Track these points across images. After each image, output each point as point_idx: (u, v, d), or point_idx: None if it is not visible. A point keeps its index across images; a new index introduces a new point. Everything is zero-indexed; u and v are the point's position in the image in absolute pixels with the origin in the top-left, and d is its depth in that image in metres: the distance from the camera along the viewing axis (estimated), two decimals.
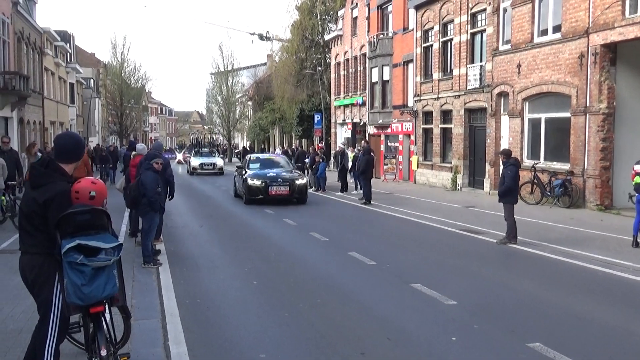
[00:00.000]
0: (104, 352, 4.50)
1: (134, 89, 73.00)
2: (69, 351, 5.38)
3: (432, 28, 26.96)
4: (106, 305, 4.73)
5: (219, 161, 37.53)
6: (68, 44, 48.26)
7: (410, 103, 29.54)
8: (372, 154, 21.37)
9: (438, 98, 26.35)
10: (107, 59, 70.63)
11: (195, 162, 37.14)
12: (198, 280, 9.12)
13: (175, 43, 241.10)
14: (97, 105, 63.54)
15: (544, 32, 19.42)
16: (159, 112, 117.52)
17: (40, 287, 4.59)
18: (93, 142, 52.70)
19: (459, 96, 24.65)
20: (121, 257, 4.72)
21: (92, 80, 60.96)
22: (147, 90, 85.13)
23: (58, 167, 4.69)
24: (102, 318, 4.69)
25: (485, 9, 22.77)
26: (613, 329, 6.69)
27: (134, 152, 13.53)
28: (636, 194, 11.39)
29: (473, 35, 23.98)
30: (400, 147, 30.95)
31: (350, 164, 24.84)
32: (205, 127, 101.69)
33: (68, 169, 4.75)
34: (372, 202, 19.64)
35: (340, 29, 40.41)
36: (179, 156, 55.59)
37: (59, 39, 43.16)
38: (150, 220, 10.11)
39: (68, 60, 48.72)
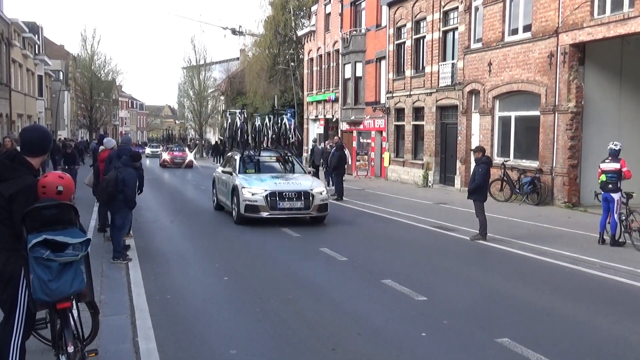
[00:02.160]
0: (71, 349, 4.43)
1: (104, 82, 72.02)
2: (35, 348, 5.28)
3: (405, 25, 27.10)
4: (74, 301, 4.67)
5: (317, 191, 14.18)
6: (36, 36, 47.38)
7: (383, 100, 29.64)
8: (344, 150, 21.41)
9: (410, 95, 26.49)
10: (76, 51, 69.65)
11: (256, 191, 13.80)
12: (168, 276, 9.03)
13: (146, 36, 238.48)
14: (66, 98, 62.58)
15: (514, 31, 19.66)
16: (130, 106, 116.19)
17: (5, 283, 4.50)
18: (61, 135, 51.82)
19: (430, 93, 24.83)
20: (89, 253, 4.65)
21: (61, 73, 60.05)
22: (117, 84, 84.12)
23: (24, 161, 4.59)
24: (70, 314, 4.62)
25: (457, 7, 22.95)
26: (579, 324, 6.82)
27: (101, 147, 13.34)
28: (602, 192, 11.61)
29: (445, 33, 24.16)
30: (373, 144, 31.07)
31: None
32: (177, 121, 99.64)
33: (35, 162, 4.65)
34: (344, 198, 19.68)
35: (314, 25, 40.37)
36: (165, 155, 42.21)
37: (27, 30, 42.37)
38: (125, 217, 10.03)
39: (36, 52, 47.86)
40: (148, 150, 61.96)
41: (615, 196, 11.32)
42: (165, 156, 41.42)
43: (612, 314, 7.25)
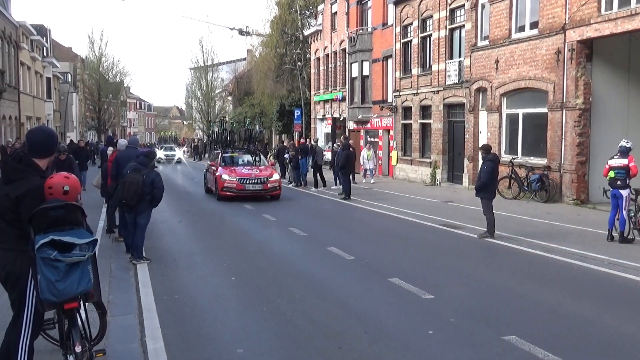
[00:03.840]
0: (78, 349, 4.47)
1: (112, 84, 72.36)
2: (43, 348, 5.32)
3: (411, 24, 27.04)
4: (81, 302, 4.70)
5: None
6: (44, 38, 47.63)
7: (390, 98, 29.59)
8: (351, 149, 21.38)
9: (417, 93, 26.44)
10: (84, 53, 70.00)
11: None
12: (176, 276, 9.07)
13: (154, 38, 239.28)
14: (75, 100, 62.86)
15: (521, 28, 19.58)
16: (138, 107, 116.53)
17: (13, 283, 4.54)
18: (70, 137, 52.02)
19: (437, 92, 24.77)
20: (97, 253, 4.68)
21: (69, 75, 60.31)
22: (125, 85, 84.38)
23: (31, 162, 4.63)
24: (77, 314, 4.65)
25: (463, 5, 22.88)
26: (587, 322, 6.79)
27: (110, 148, 13.37)
28: (611, 189, 11.56)
29: (452, 31, 24.10)
30: (380, 143, 31.03)
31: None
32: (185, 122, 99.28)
33: (42, 164, 4.70)
34: (351, 197, 19.67)
35: (320, 24, 40.37)
36: (225, 174, 19.46)
37: (35, 32, 42.61)
38: (149, 216, 10.09)
39: (44, 54, 48.13)
40: (161, 154, 46.72)
41: (624, 193, 11.26)
42: (227, 177, 19.19)
43: (621, 311, 7.21)
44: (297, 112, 41.69)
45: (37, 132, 4.95)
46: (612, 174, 11.41)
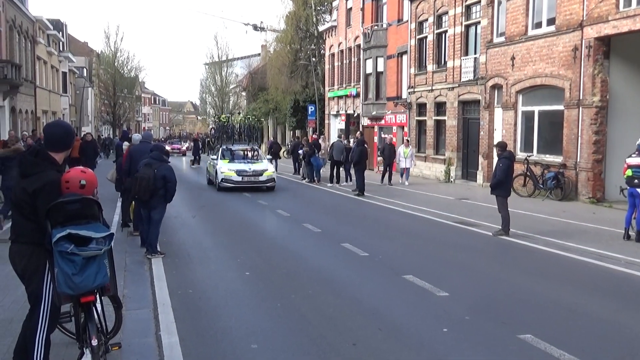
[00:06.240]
0: (94, 342, 4.49)
1: (127, 79, 72.64)
2: (60, 341, 5.36)
3: (427, 20, 26.91)
4: (97, 295, 4.72)
5: None
6: (60, 33, 47.95)
7: (404, 95, 29.49)
8: (365, 145, 21.33)
9: (432, 90, 26.33)
10: (100, 48, 70.38)
11: None
12: (190, 270, 9.10)
13: (168, 33, 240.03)
14: (90, 95, 63.23)
15: (538, 25, 19.41)
16: (152, 102, 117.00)
17: (30, 276, 4.57)
18: (86, 131, 52.25)
19: (452, 88, 24.64)
20: (113, 247, 4.70)
21: (84, 70, 60.68)
22: (140, 80, 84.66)
23: (48, 156, 4.66)
24: (93, 308, 4.68)
25: (479, 1, 22.72)
26: (603, 321, 6.72)
27: (125, 142, 13.42)
28: (628, 187, 11.44)
29: (467, 27, 23.95)
30: (394, 139, 30.91)
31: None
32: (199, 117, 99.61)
33: (58, 157, 4.72)
34: (365, 193, 19.63)
35: (335, 20, 40.28)
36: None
37: (51, 27, 42.91)
38: (163, 211, 10.13)
39: (60, 49, 48.44)
40: (224, 166, 20.96)
41: None
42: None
43: (638, 310, 7.14)
44: (311, 108, 41.68)
45: (54, 126, 4.97)
46: (629, 172, 11.28)
